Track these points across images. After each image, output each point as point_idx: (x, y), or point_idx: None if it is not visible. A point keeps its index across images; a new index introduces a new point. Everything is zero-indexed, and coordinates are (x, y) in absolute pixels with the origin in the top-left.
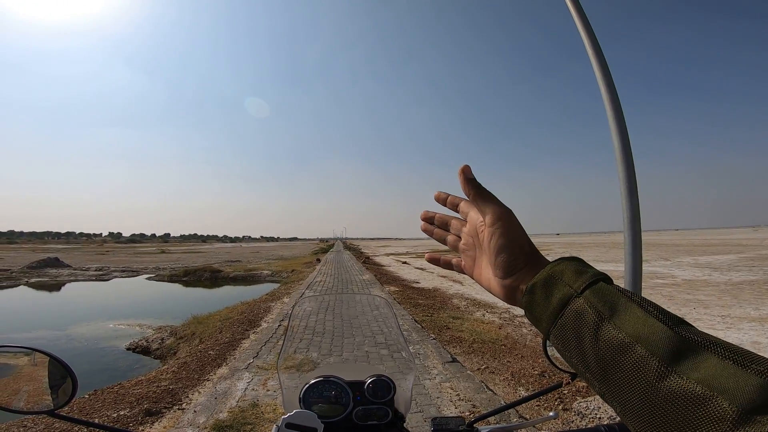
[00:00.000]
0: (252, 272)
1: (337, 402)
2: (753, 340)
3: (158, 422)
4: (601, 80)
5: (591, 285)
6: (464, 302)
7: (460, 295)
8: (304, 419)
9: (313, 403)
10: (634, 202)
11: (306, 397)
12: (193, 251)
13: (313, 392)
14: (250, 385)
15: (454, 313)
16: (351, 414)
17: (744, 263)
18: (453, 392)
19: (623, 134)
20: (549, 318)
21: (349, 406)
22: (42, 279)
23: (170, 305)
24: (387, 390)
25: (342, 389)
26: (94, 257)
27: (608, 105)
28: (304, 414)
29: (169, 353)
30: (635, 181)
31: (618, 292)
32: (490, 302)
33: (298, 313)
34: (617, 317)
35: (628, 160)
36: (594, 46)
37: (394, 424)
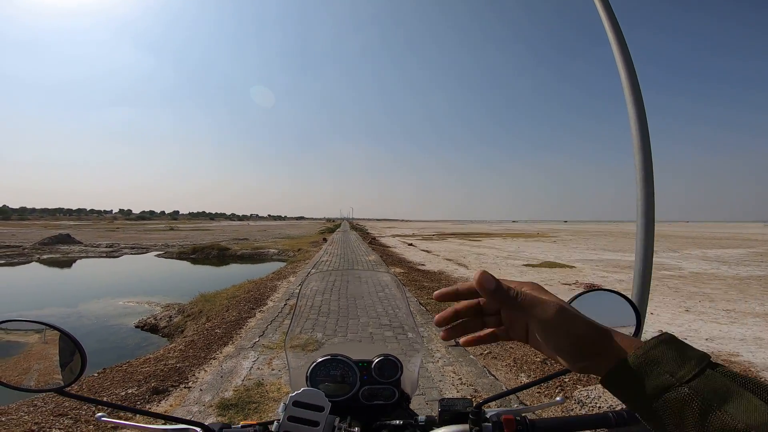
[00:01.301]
0: (259, 250)
1: (343, 381)
2: (756, 336)
3: (165, 400)
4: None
5: (698, 375)
6: None
7: (466, 279)
8: (312, 397)
9: (320, 382)
10: (649, 190)
11: (313, 376)
12: (202, 229)
13: (320, 371)
14: (256, 364)
15: None
16: (357, 393)
17: (753, 258)
18: (455, 376)
19: (642, 121)
20: (641, 401)
21: (355, 386)
22: (54, 255)
23: (178, 283)
24: (394, 370)
25: (349, 368)
26: (105, 234)
27: (627, 90)
28: (312, 392)
29: (177, 331)
30: (651, 169)
31: (729, 379)
32: None
33: (305, 292)
34: (729, 405)
35: (646, 147)
36: (615, 31)
37: (399, 404)
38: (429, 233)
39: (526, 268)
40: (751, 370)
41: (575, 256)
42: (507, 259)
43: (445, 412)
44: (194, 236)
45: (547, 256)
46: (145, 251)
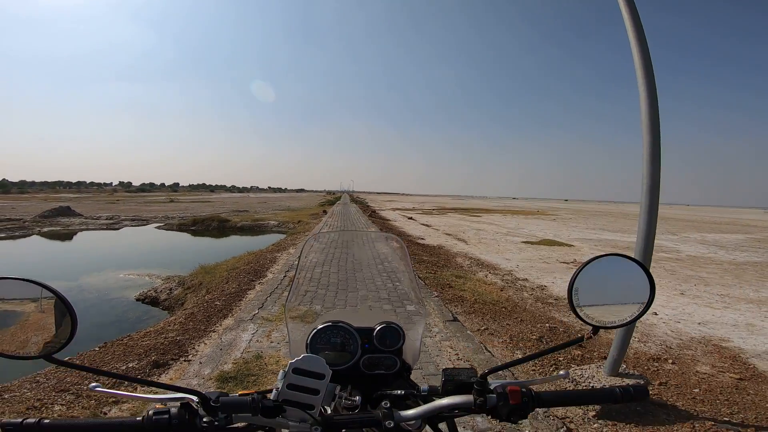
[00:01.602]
0: (259, 222)
1: (344, 349)
2: (748, 322)
3: (165, 374)
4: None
5: None
6: (468, 261)
7: (464, 254)
8: (312, 364)
9: (320, 350)
10: (655, 169)
11: (313, 343)
12: (202, 200)
13: (321, 338)
14: (255, 337)
15: (457, 271)
16: (358, 362)
17: (751, 244)
18: (452, 351)
19: (652, 98)
20: None
21: (356, 354)
22: (54, 228)
23: (179, 254)
24: (396, 338)
25: (350, 336)
26: (105, 206)
27: (639, 66)
28: (312, 359)
29: (177, 304)
30: (659, 149)
31: None
32: (493, 263)
33: (307, 251)
34: None
35: (655, 127)
36: (630, 8)
37: (400, 374)
38: (429, 208)
39: (525, 245)
40: (740, 357)
41: (574, 235)
42: (506, 236)
43: (448, 382)
44: (194, 208)
45: (546, 234)
46: (146, 223)
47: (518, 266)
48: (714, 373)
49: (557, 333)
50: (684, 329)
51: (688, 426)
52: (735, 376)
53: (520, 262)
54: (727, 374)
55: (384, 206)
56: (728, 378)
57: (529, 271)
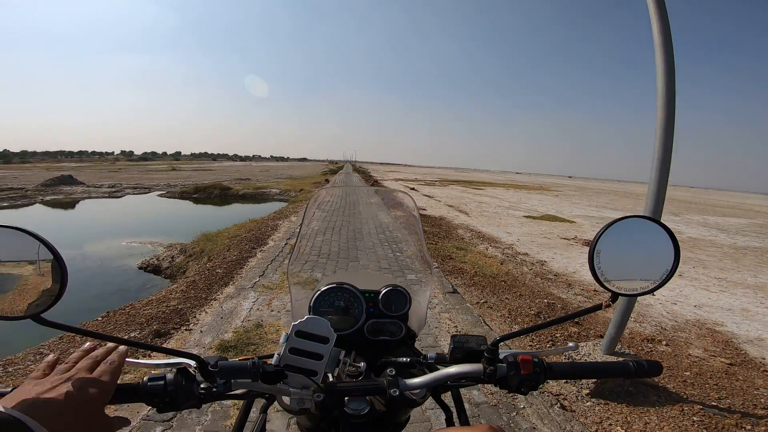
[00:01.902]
0: (261, 190)
1: (348, 313)
2: (743, 307)
3: (166, 343)
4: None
5: None
6: (469, 233)
7: (466, 226)
8: (316, 326)
9: (324, 313)
10: (668, 145)
11: (316, 306)
12: (204, 169)
13: (324, 301)
14: (255, 305)
15: (458, 243)
16: (363, 327)
17: (753, 229)
18: (451, 323)
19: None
20: None
21: (361, 318)
22: (56, 197)
23: (181, 222)
24: (402, 303)
25: (355, 299)
26: (107, 175)
27: (658, 41)
28: (317, 321)
29: (179, 272)
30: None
31: None
32: (495, 236)
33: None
34: None
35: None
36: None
37: (404, 342)
38: (431, 179)
39: (527, 219)
40: (733, 342)
41: (576, 212)
42: (508, 210)
43: (457, 350)
44: (196, 176)
45: (548, 209)
46: (148, 191)
47: (519, 240)
48: (706, 357)
49: (555, 309)
50: (680, 311)
51: (677, 409)
52: (726, 361)
53: (521, 236)
54: (718, 359)
55: (386, 176)
56: (719, 363)
57: (530, 246)
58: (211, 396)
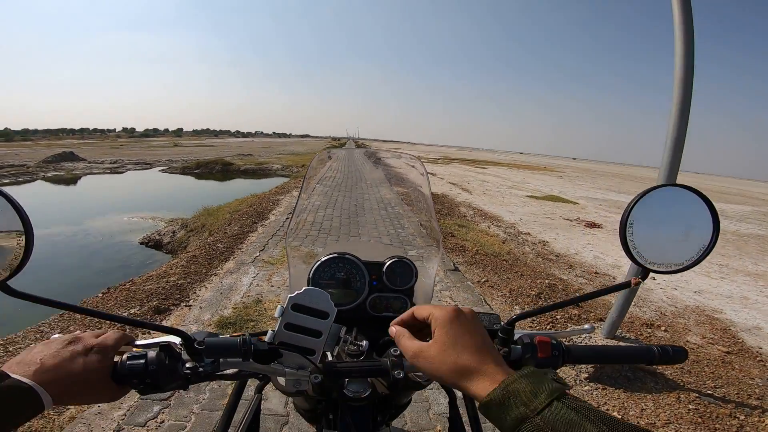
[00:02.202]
0: (262, 166)
1: (349, 286)
2: (742, 295)
3: (166, 320)
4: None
5: (547, 406)
6: (471, 211)
7: (468, 203)
8: (315, 299)
9: (324, 286)
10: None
11: (316, 278)
12: (205, 145)
13: (325, 272)
14: (255, 281)
15: (460, 221)
16: (365, 302)
17: (756, 216)
18: (452, 302)
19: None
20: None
21: (363, 292)
22: (58, 173)
23: (182, 197)
24: (408, 275)
25: (357, 270)
26: (109, 151)
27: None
28: (316, 293)
29: (180, 247)
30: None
31: (573, 411)
32: (497, 215)
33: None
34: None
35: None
36: None
37: None
38: (435, 157)
39: (529, 199)
40: (731, 330)
41: (580, 193)
42: (511, 189)
43: None
44: (198, 152)
45: (551, 190)
46: (149, 167)
47: (521, 220)
48: (704, 344)
49: (556, 290)
50: (680, 296)
51: (674, 396)
52: (723, 349)
53: (524, 215)
54: (716, 347)
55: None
56: (717, 351)
57: (532, 226)
58: (197, 376)
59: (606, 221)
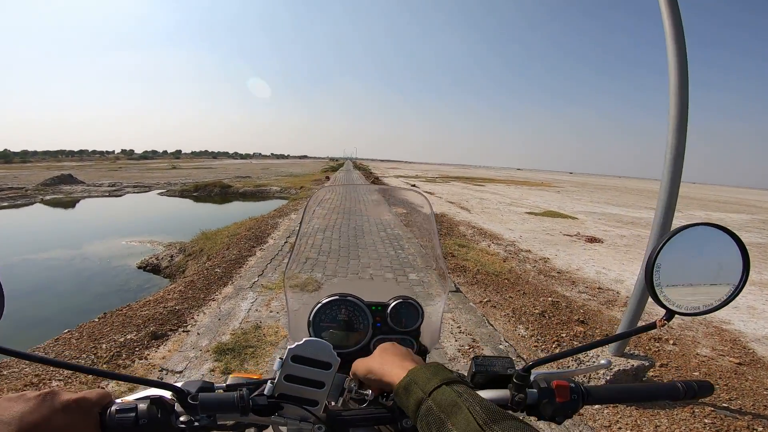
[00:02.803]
0: (261, 188)
1: (352, 329)
2: (749, 305)
3: (163, 345)
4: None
5: (436, 389)
6: (471, 230)
7: (467, 222)
8: (316, 351)
9: (325, 329)
10: (681, 138)
11: (316, 321)
12: (204, 167)
13: (326, 315)
14: (254, 306)
15: (460, 240)
16: (369, 344)
17: (755, 225)
18: (454, 324)
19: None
20: (411, 414)
21: (367, 334)
22: (56, 196)
23: (180, 221)
24: (414, 317)
25: (360, 312)
26: (107, 173)
27: (669, 32)
28: (317, 344)
29: (178, 271)
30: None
31: (456, 394)
32: (497, 233)
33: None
34: (453, 417)
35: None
36: None
37: None
38: (432, 176)
39: (528, 216)
40: (740, 340)
41: (578, 208)
42: (510, 206)
43: (480, 374)
44: (196, 174)
45: (550, 205)
46: (148, 190)
47: (521, 237)
48: (714, 356)
49: (560, 308)
50: None
51: (688, 411)
52: (735, 360)
53: (524, 233)
54: (726, 358)
55: (387, 173)
56: (728, 362)
57: (532, 243)
58: (192, 430)
59: (606, 235)
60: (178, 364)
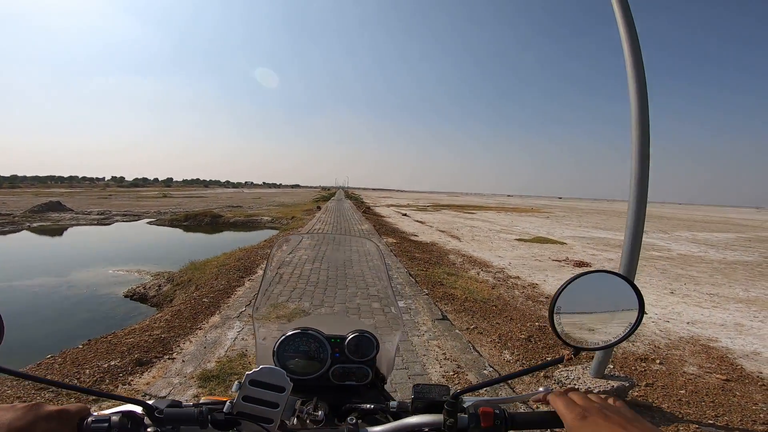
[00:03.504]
0: (252, 218)
1: (313, 358)
2: (736, 322)
3: (148, 372)
4: (624, 35)
5: None
6: (460, 259)
7: (457, 251)
8: (271, 376)
9: (288, 358)
10: (644, 167)
11: (280, 351)
12: (195, 196)
13: (289, 346)
14: (240, 335)
15: (449, 269)
16: (328, 372)
17: (741, 243)
18: (440, 351)
19: (642, 93)
20: None
21: (326, 363)
22: (44, 223)
23: (170, 250)
24: (370, 348)
25: (320, 344)
26: (97, 201)
27: (630, 65)
28: (272, 371)
29: (166, 300)
30: (648, 146)
31: None
32: (486, 260)
33: (276, 253)
34: None
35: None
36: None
37: (374, 385)
38: (423, 204)
39: (518, 242)
40: (728, 357)
41: (567, 233)
42: (500, 233)
43: (418, 400)
44: (187, 203)
45: (539, 231)
46: (137, 218)
47: (510, 264)
48: (701, 373)
49: (546, 332)
50: (673, 329)
51: (672, 428)
52: (722, 377)
53: (513, 259)
54: (714, 375)
55: (379, 202)
56: (715, 379)
57: (521, 269)
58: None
59: (594, 259)
60: (161, 390)
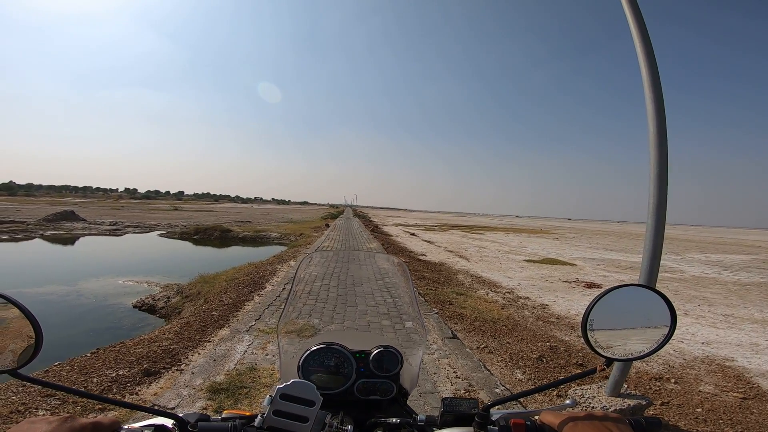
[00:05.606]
0: (261, 234)
1: (338, 373)
2: (752, 342)
3: (156, 383)
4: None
5: None
6: (469, 279)
7: (466, 271)
8: (302, 390)
9: (313, 372)
10: (662, 188)
11: (305, 365)
12: (205, 210)
13: (314, 360)
14: (250, 348)
15: (458, 288)
16: (353, 387)
17: (755, 265)
18: (450, 369)
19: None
20: None
21: (351, 378)
22: (57, 232)
23: (179, 263)
24: (394, 363)
25: (345, 359)
26: (109, 212)
27: (647, 84)
28: (302, 384)
29: (174, 312)
30: (666, 167)
31: None
32: (495, 281)
33: (303, 268)
34: None
35: (662, 144)
36: (638, 22)
37: (397, 400)
38: (431, 224)
39: (527, 263)
40: (744, 376)
41: (577, 254)
42: (508, 254)
43: (447, 413)
44: (197, 217)
45: (548, 252)
46: (148, 230)
47: (520, 284)
48: (717, 392)
49: (558, 352)
50: (687, 349)
51: None
52: (738, 395)
53: (522, 280)
54: (730, 393)
55: (386, 221)
56: (732, 397)
57: (531, 290)
58: None
59: (605, 280)
60: (170, 401)
